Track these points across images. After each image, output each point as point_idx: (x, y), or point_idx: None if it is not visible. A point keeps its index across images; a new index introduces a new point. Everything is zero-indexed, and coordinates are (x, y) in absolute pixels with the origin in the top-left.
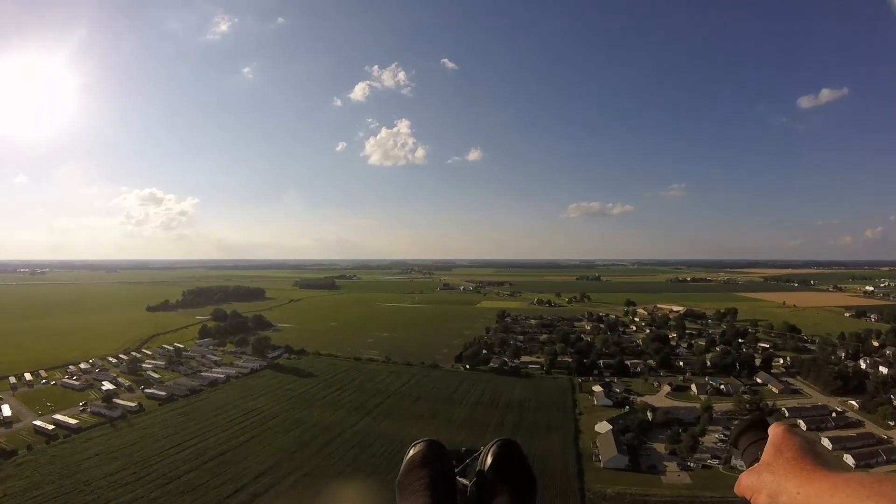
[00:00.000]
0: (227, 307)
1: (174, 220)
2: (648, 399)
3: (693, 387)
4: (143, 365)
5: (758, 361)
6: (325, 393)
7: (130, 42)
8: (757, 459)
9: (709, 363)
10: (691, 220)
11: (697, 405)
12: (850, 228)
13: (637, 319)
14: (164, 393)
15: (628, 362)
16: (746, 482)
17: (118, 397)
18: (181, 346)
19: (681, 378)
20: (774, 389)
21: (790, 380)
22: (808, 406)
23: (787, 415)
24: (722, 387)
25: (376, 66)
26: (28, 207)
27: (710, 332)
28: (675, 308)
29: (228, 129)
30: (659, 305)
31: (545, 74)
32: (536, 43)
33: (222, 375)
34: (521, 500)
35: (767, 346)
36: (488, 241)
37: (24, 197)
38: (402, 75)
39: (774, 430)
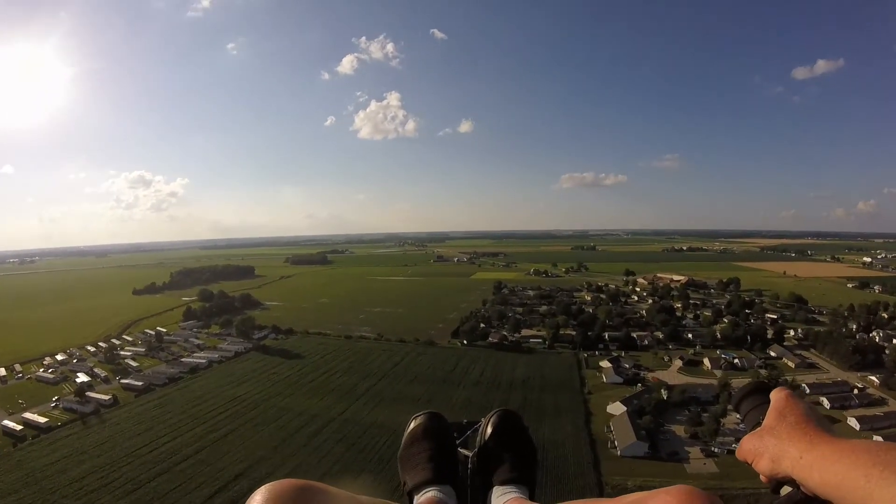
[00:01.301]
0: (216, 287)
1: (164, 202)
2: (660, 375)
3: (706, 361)
4: (122, 352)
5: (769, 334)
6: (312, 376)
7: (113, 23)
8: (759, 424)
9: (719, 335)
10: (685, 190)
11: (714, 381)
12: (843, 200)
13: (638, 289)
14: (140, 383)
15: (635, 335)
16: (748, 446)
17: (93, 390)
18: (163, 330)
19: (691, 351)
20: (790, 364)
21: (804, 353)
22: (829, 382)
23: (808, 391)
24: (736, 361)
25: (364, 38)
26: (17, 197)
27: (715, 302)
28: (675, 277)
29: (215, 107)
30: (659, 275)
31: (536, 44)
32: (527, 12)
33: (204, 360)
34: (522, 470)
35: (775, 317)
36: (481, 212)
37: (11, 187)
38: (390, 47)
39: (777, 395)
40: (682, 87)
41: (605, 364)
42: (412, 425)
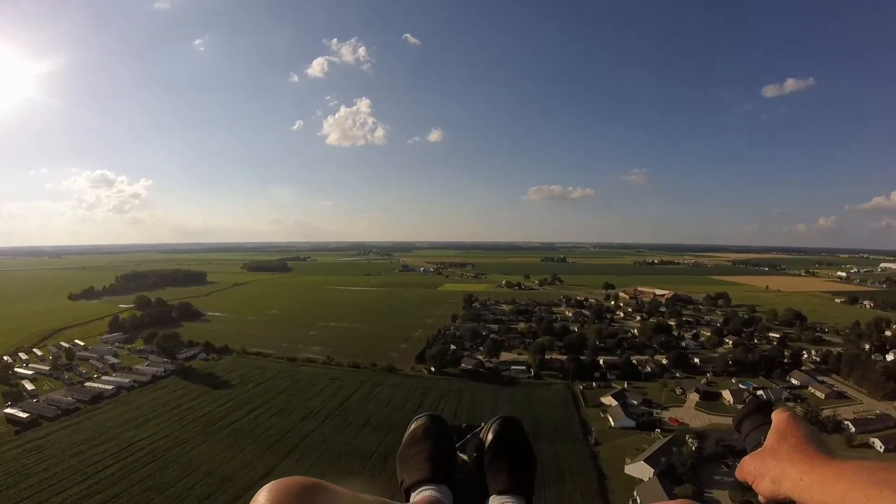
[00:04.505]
0: (159, 294)
1: (127, 203)
2: (677, 413)
3: (725, 393)
4: (22, 371)
5: (786, 357)
6: (237, 414)
7: (75, 10)
8: (759, 444)
9: (730, 361)
10: (651, 203)
11: None
12: (805, 216)
13: (622, 304)
14: (26, 414)
15: (634, 360)
16: (749, 467)
17: None
18: (81, 343)
19: (703, 381)
20: (819, 394)
21: (827, 379)
22: (873, 417)
23: (853, 429)
24: (760, 393)
25: (335, 40)
26: None
27: (708, 319)
28: (659, 292)
29: (180, 105)
30: (640, 288)
31: (508, 55)
32: (500, 23)
33: (111, 387)
34: (521, 479)
35: (778, 335)
36: (448, 222)
37: None
38: (362, 51)
39: (779, 416)
40: (651, 102)
41: (608, 401)
42: (413, 426)
